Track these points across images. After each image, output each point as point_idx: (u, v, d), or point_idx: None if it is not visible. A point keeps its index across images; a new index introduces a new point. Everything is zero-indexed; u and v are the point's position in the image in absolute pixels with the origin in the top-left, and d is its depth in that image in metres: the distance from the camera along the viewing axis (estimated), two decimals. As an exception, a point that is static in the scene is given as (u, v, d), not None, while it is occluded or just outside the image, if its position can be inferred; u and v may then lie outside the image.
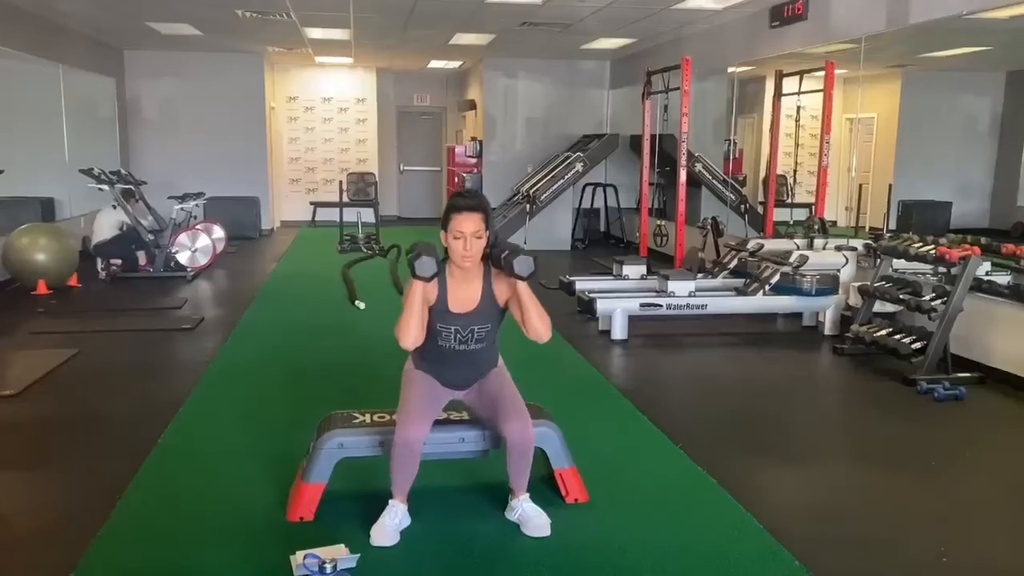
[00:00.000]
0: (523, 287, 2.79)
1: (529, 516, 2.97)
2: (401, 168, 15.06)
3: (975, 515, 3.25)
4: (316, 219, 13.70)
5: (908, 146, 10.27)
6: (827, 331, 6.16)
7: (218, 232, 9.15)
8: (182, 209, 8.68)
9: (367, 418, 3.17)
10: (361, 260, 9.69)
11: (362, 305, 7.00)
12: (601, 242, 11.92)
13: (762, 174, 13.24)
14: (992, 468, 3.78)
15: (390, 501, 2.96)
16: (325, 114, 14.03)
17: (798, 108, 8.87)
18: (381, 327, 6.31)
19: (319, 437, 3.07)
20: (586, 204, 11.86)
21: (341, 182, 11.87)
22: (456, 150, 13.19)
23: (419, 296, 2.80)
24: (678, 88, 8.26)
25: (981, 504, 3.36)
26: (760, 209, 10.47)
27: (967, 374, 4.94)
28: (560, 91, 12.32)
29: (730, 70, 9.55)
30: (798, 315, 6.49)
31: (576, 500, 3.20)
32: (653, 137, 9.55)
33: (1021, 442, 4.15)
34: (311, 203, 13.82)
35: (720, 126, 10.96)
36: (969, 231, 8.86)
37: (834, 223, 9.49)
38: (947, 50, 8.85)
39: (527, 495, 3.02)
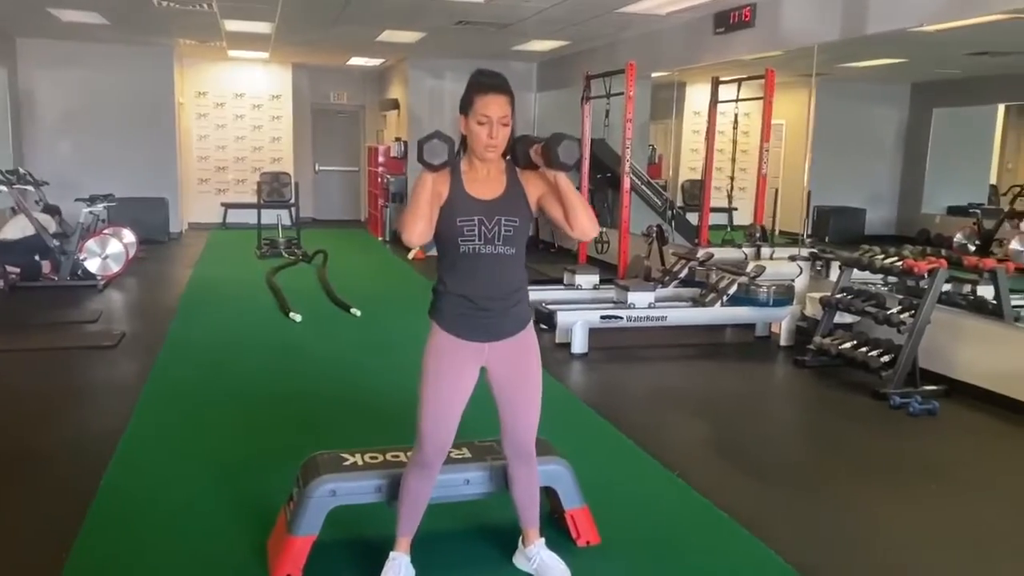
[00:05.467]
0: (564, 179, 2.40)
1: (548, 566, 2.69)
2: (316, 168, 14.48)
3: (990, 537, 3.17)
4: (227, 221, 13.06)
5: (819, 153, 10.43)
6: (783, 342, 6.10)
7: (129, 236, 8.47)
8: (90, 212, 7.99)
9: (358, 459, 2.82)
10: (285, 266, 9.17)
11: (298, 317, 6.55)
12: (530, 247, 11.69)
13: (680, 179, 13.41)
14: (992, 487, 3.71)
15: (392, 553, 2.63)
16: (237, 111, 13.33)
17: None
18: (322, 342, 5.98)
19: (307, 484, 2.70)
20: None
21: (260, 182, 11.26)
22: (380, 150, 12.73)
23: (428, 188, 2.34)
24: (619, 93, 8.10)
25: (992, 525, 3.28)
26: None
27: (934, 387, 4.93)
28: (487, 92, 12.03)
29: (654, 76, 9.52)
30: (747, 325, 6.41)
31: (588, 543, 2.95)
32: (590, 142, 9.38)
33: (1009, 458, 4.12)
34: (222, 204, 13.14)
35: (644, 132, 10.94)
36: (880, 238, 9.09)
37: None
38: (866, 61, 9.04)
39: (542, 540, 2.75)
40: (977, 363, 4.92)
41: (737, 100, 8.56)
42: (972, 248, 9.24)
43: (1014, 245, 8.87)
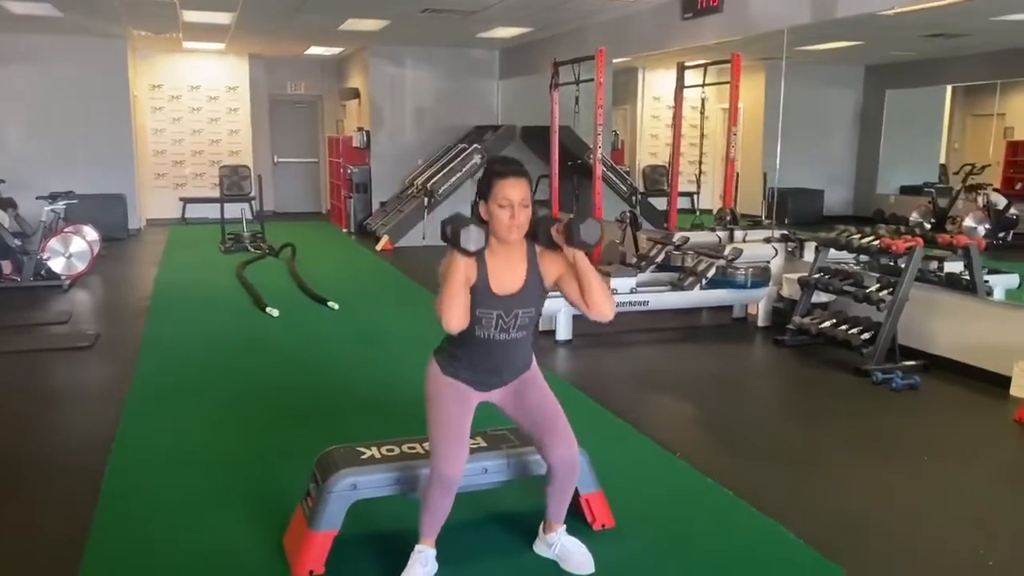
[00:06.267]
0: (583, 258, 2.46)
1: (570, 551, 2.71)
2: (275, 160, 14.25)
3: (986, 504, 3.27)
4: (186, 216, 12.82)
5: (776, 136, 10.66)
6: (760, 323, 6.20)
7: (92, 234, 8.27)
8: (52, 211, 7.77)
9: (375, 452, 2.81)
10: (253, 261, 9.03)
11: (275, 312, 6.46)
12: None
13: (640, 164, 13.51)
14: (980, 456, 3.84)
15: (417, 547, 2.63)
16: (193, 103, 13.06)
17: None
18: (304, 337, 5.91)
19: (325, 479, 2.68)
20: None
21: (221, 176, 11.06)
22: (340, 140, 12.58)
23: (462, 271, 2.39)
24: (588, 79, 8.12)
25: (987, 493, 3.39)
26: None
27: (913, 362, 5.06)
28: (449, 81, 11.94)
29: (615, 61, 9.54)
30: (723, 307, 6.50)
31: (603, 526, 2.98)
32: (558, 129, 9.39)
33: (992, 428, 4.24)
34: (181, 199, 12.88)
35: (607, 117, 10.98)
36: (838, 219, 9.27)
37: (709, 211, 9.71)
38: (823, 44, 9.19)
39: (563, 527, 2.77)
40: (953, 337, 5.06)
41: (704, 85, 8.63)
42: (928, 226, 9.49)
43: (968, 222, 9.13)
